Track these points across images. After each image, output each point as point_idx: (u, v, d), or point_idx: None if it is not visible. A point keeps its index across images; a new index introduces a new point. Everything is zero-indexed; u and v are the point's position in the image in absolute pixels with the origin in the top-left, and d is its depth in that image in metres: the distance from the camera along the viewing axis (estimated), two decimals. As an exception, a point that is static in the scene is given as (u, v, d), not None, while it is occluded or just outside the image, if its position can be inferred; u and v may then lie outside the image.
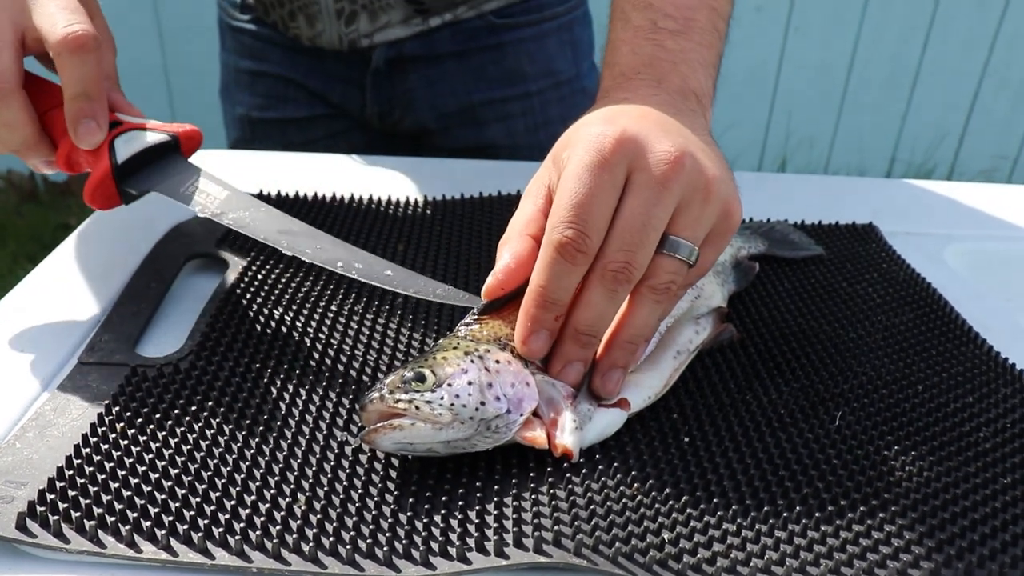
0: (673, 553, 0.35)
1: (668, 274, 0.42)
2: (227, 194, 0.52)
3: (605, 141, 0.42)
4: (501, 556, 0.35)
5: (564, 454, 0.40)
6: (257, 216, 0.51)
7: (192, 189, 0.52)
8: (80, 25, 0.48)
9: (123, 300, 0.54)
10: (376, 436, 0.39)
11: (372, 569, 0.35)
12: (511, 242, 0.44)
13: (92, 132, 0.50)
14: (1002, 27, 2.48)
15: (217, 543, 0.35)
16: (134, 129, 0.52)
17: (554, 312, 0.42)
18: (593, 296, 0.41)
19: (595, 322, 0.42)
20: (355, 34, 0.85)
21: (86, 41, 0.48)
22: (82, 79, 0.48)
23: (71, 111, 0.49)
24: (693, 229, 0.43)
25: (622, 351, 0.43)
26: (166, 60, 2.38)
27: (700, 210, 0.43)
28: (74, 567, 0.35)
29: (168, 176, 0.52)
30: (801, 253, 0.65)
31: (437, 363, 0.41)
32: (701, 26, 0.54)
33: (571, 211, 0.41)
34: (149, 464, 0.39)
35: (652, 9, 0.53)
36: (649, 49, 0.52)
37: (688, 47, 0.52)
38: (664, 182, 0.41)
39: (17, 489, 0.37)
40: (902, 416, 0.46)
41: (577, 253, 0.40)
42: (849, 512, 0.39)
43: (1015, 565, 0.37)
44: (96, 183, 0.51)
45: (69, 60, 0.48)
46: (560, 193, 0.42)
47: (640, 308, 0.43)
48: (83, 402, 0.44)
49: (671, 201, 0.42)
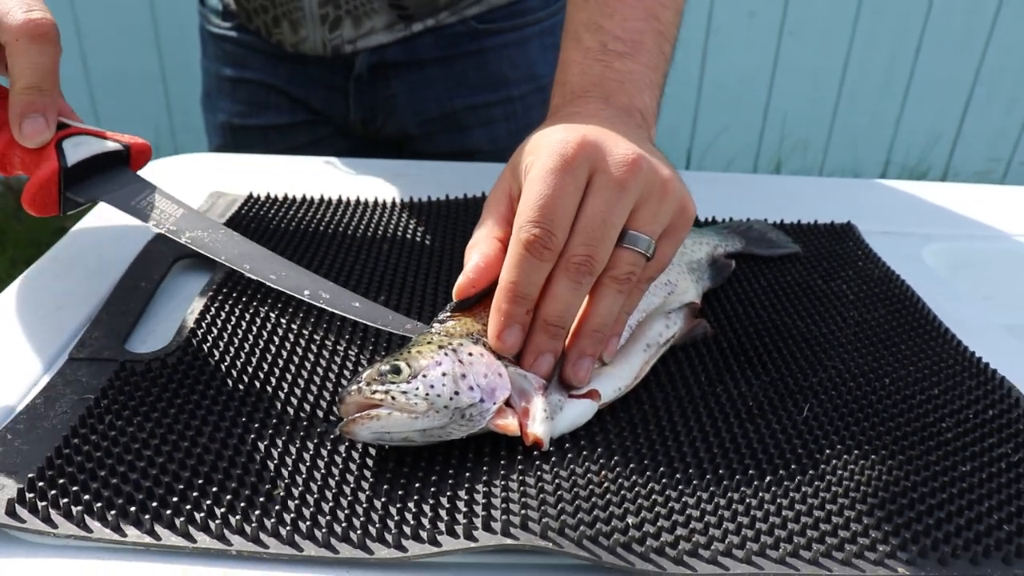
0: (637, 536, 0.37)
1: (628, 265, 0.45)
2: (182, 212, 0.50)
3: (567, 146, 0.45)
4: (470, 539, 0.36)
5: (535, 443, 0.42)
6: (216, 237, 0.49)
7: (144, 203, 0.50)
8: (43, 12, 0.46)
9: (113, 298, 0.55)
10: (354, 426, 0.40)
11: (346, 551, 0.36)
12: (479, 245, 0.47)
13: (39, 129, 0.47)
14: (994, 31, 2.49)
15: (198, 527, 0.37)
16: (82, 133, 0.49)
17: (524, 306, 0.44)
18: (559, 288, 0.44)
19: (563, 313, 0.44)
20: (339, 40, 0.86)
21: (48, 29, 0.45)
22: (37, 69, 0.46)
23: (19, 104, 0.46)
24: (650, 224, 0.46)
25: (590, 340, 0.45)
26: (163, 64, 2.40)
27: (657, 206, 0.46)
28: (61, 551, 0.36)
29: (117, 187, 0.50)
30: (778, 251, 0.67)
31: (412, 356, 0.42)
32: (648, 49, 0.57)
33: (537, 211, 0.43)
34: (135, 454, 0.40)
35: (603, 32, 0.57)
36: (598, 70, 0.55)
37: (635, 68, 0.56)
38: (623, 182, 0.45)
39: (7, 477, 0.38)
40: (868, 408, 0.48)
41: (544, 250, 0.43)
42: (811, 498, 0.40)
43: (967, 548, 0.38)
44: (39, 184, 0.48)
45: (27, 48, 0.45)
46: (526, 195, 0.45)
47: (603, 298, 0.46)
48: (73, 395, 0.45)
49: (629, 199, 0.45)
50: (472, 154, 0.92)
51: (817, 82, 2.56)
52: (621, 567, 0.36)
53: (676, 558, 0.36)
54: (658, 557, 0.36)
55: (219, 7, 0.93)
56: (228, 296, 0.55)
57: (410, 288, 0.59)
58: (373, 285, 0.59)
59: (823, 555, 0.37)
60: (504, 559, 0.37)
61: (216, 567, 0.36)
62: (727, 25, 2.46)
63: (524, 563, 0.37)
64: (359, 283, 0.59)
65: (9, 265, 2.20)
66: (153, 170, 0.79)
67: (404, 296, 0.58)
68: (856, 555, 0.37)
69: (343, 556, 0.36)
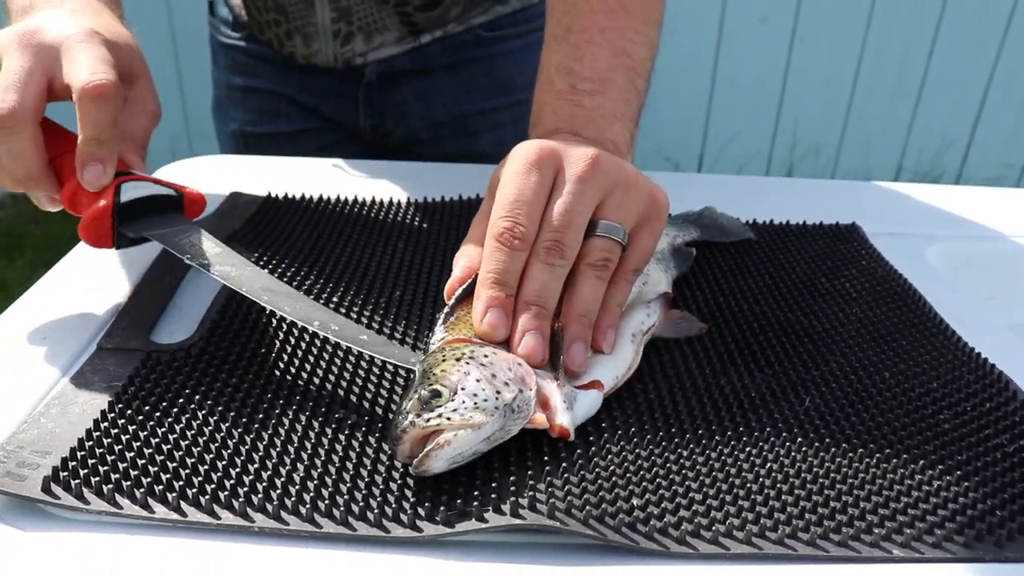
0: (641, 517, 0.38)
1: (601, 252, 0.49)
2: (219, 251, 0.53)
3: (531, 151, 0.49)
4: (480, 520, 0.38)
5: (560, 434, 0.43)
6: (244, 272, 0.52)
7: (186, 242, 0.53)
8: (105, 75, 0.51)
9: (139, 291, 0.57)
10: (429, 461, 0.39)
11: (363, 529, 0.38)
12: (467, 255, 0.51)
13: (98, 175, 0.52)
14: (1008, 35, 2.49)
15: (222, 505, 0.38)
16: (143, 180, 0.54)
17: (503, 290, 0.47)
18: (534, 271, 0.47)
19: (540, 291, 0.47)
20: (350, 53, 0.88)
21: (106, 90, 0.50)
22: (96, 123, 0.51)
23: (82, 153, 0.51)
24: (617, 213, 0.50)
25: (578, 324, 0.48)
26: (180, 71, 2.43)
27: (623, 197, 0.50)
28: (92, 526, 0.38)
29: (166, 227, 0.54)
30: (732, 237, 0.70)
31: (440, 376, 0.42)
32: (619, 85, 0.60)
33: (504, 208, 0.48)
34: (161, 437, 0.42)
35: (573, 74, 0.60)
36: (568, 108, 0.58)
37: (605, 104, 0.58)
38: (586, 177, 0.49)
39: (42, 457, 0.41)
40: (868, 399, 0.49)
41: (513, 239, 0.47)
42: (810, 484, 0.42)
43: (961, 532, 0.39)
44: (93, 217, 0.52)
45: (87, 105, 0.50)
46: (496, 199, 0.49)
47: (583, 284, 0.49)
48: (102, 383, 0.47)
49: (593, 191, 0.49)
50: (480, 157, 0.94)
51: (829, 87, 2.56)
52: (626, 546, 0.37)
53: (679, 538, 0.38)
54: (662, 537, 0.38)
55: (229, 18, 0.95)
56: (249, 290, 0.57)
57: (424, 283, 0.61)
58: (389, 280, 0.61)
59: (820, 536, 0.39)
60: (513, 538, 0.39)
61: (239, 543, 0.37)
62: (739, 31, 2.47)
63: (532, 542, 0.39)
64: (375, 278, 0.61)
65: (28, 268, 2.24)
66: (174, 171, 0.82)
67: (419, 290, 0.60)
68: (852, 537, 0.39)
69: (360, 534, 0.38)
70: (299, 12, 0.86)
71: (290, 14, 0.87)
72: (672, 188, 0.76)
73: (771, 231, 0.73)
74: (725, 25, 2.46)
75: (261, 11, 0.89)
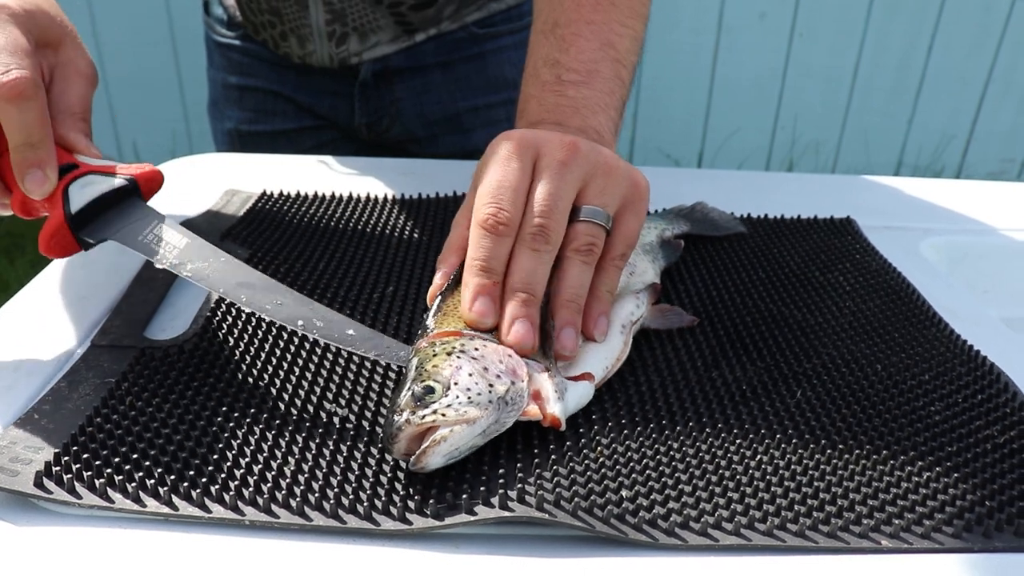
0: (630, 508, 0.39)
1: (585, 236, 0.49)
2: (186, 242, 0.50)
3: (509, 141, 0.50)
4: (470, 513, 0.38)
5: (552, 423, 0.43)
6: (216, 267, 0.49)
7: (150, 238, 0.50)
8: (17, 71, 0.46)
9: (133, 288, 0.58)
10: (427, 457, 0.39)
11: (353, 522, 0.38)
12: (447, 260, 0.51)
13: (39, 182, 0.48)
14: (1007, 31, 2.49)
15: (213, 499, 0.39)
16: (90, 173, 0.50)
17: (490, 278, 0.47)
18: (519, 257, 0.47)
19: (527, 278, 0.47)
20: (345, 53, 0.88)
21: (23, 88, 0.46)
22: (22, 127, 0.47)
23: (15, 161, 0.48)
24: (599, 197, 0.50)
25: (567, 309, 0.48)
26: (180, 69, 2.43)
27: (604, 182, 0.50)
28: (84, 520, 0.38)
29: (126, 223, 0.51)
30: (724, 231, 0.70)
31: (432, 372, 0.42)
32: (604, 76, 0.60)
33: (487, 195, 0.48)
34: (154, 432, 0.43)
35: (559, 66, 0.60)
36: (553, 99, 0.59)
37: (589, 95, 0.59)
38: (565, 162, 0.49)
39: (35, 453, 0.41)
40: (859, 392, 0.49)
41: (497, 224, 0.47)
42: (800, 475, 0.42)
43: (950, 522, 0.39)
44: (50, 233, 0.49)
45: (7, 108, 0.46)
46: (479, 188, 0.49)
47: (570, 270, 0.49)
48: (95, 379, 0.47)
49: (573, 177, 0.49)
50: (475, 154, 0.94)
51: (829, 83, 2.56)
52: (615, 537, 0.37)
53: (668, 529, 0.38)
54: (650, 528, 0.38)
55: (224, 17, 0.95)
56: (242, 287, 0.57)
57: (417, 279, 0.61)
58: (382, 276, 0.61)
59: (810, 528, 0.39)
60: (502, 531, 0.39)
61: (230, 536, 0.38)
62: (738, 27, 2.47)
63: (522, 535, 0.39)
64: (369, 274, 0.61)
65: (29, 267, 2.24)
66: (170, 169, 0.82)
67: (412, 286, 0.60)
68: (841, 528, 0.39)
69: (350, 527, 0.38)
70: (293, 14, 0.87)
71: (284, 16, 0.87)
72: (668, 184, 0.77)
73: (765, 225, 0.73)
74: (724, 21, 2.46)
75: (256, 12, 0.89)
